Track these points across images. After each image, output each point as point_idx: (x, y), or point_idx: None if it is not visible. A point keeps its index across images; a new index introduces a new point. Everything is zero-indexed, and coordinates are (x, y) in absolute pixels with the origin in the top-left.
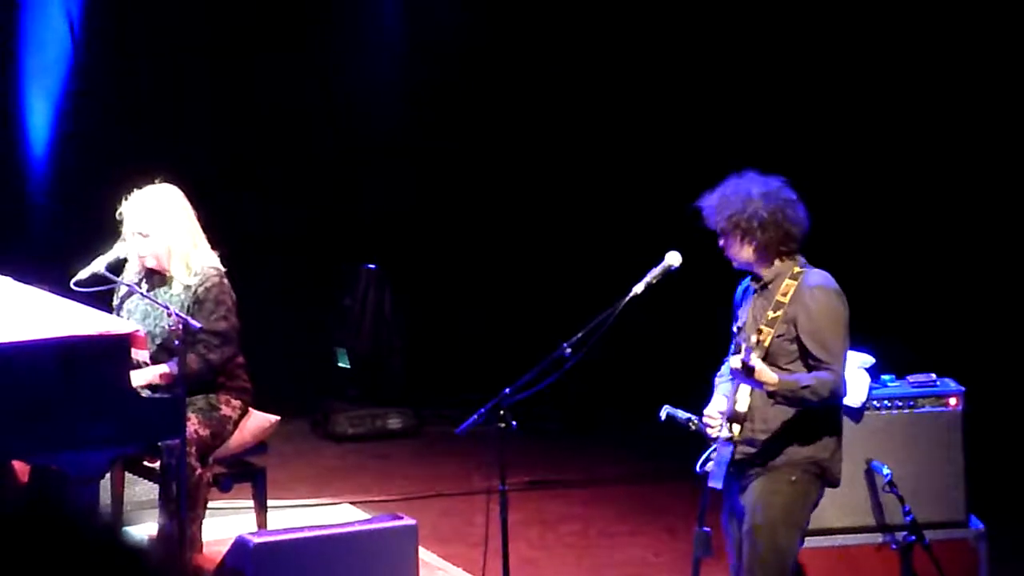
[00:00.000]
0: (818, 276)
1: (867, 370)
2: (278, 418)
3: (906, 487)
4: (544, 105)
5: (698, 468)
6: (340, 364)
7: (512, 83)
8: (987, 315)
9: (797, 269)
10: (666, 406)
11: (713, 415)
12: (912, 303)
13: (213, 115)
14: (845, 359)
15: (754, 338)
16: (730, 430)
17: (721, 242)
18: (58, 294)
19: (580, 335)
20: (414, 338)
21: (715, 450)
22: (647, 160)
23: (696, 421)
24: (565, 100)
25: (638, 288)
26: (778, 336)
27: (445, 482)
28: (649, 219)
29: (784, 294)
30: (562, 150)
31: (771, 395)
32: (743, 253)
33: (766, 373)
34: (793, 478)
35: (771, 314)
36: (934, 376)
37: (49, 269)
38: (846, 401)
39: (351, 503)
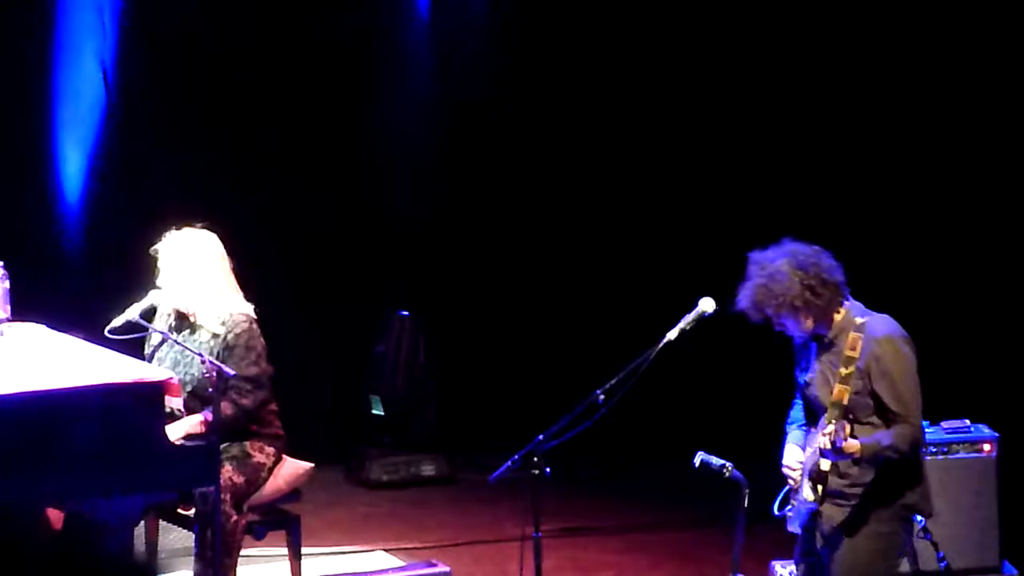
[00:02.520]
0: (882, 324)
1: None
2: (312, 465)
3: (940, 533)
4: (577, 152)
5: (775, 511)
6: (374, 411)
7: (544, 133)
8: (1022, 360)
9: (859, 320)
10: (700, 452)
11: (792, 465)
12: (945, 348)
13: (245, 165)
14: (920, 406)
15: (835, 429)
16: (813, 490)
17: (777, 327)
18: (92, 342)
19: (613, 381)
20: (448, 385)
21: (792, 492)
22: (683, 207)
23: (730, 468)
24: (599, 146)
25: (671, 335)
26: (855, 393)
27: (479, 529)
28: (683, 265)
29: (852, 348)
30: (596, 196)
31: (855, 462)
32: (805, 326)
33: (851, 445)
34: (883, 529)
35: (843, 371)
36: (968, 422)
37: (83, 317)
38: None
39: (385, 550)
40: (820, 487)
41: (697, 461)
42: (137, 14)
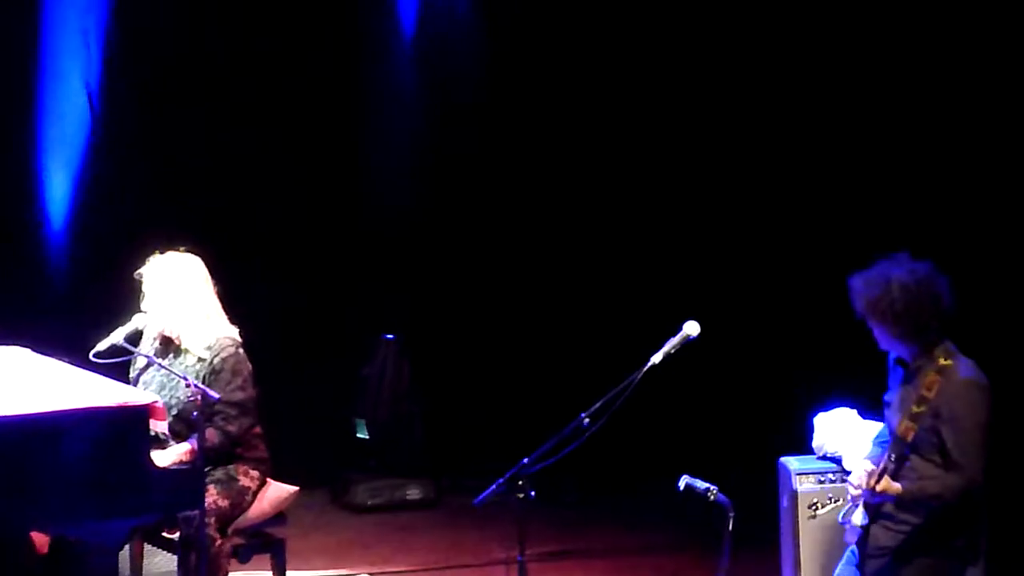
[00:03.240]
0: (965, 370)
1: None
2: (297, 489)
3: None
4: (563, 174)
5: (839, 517)
6: (359, 435)
7: (531, 157)
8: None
9: (943, 361)
10: (685, 476)
11: (856, 481)
12: None
13: (234, 189)
14: (982, 459)
15: (866, 475)
16: (863, 516)
17: (867, 322)
18: (77, 365)
19: (598, 405)
20: (433, 408)
21: (851, 507)
22: (669, 230)
23: (715, 491)
24: (585, 168)
25: (656, 358)
26: (923, 429)
27: (464, 552)
28: (669, 288)
29: (929, 388)
30: (583, 218)
31: (897, 503)
32: (889, 340)
33: (891, 487)
34: (924, 566)
35: (915, 408)
36: None
37: (68, 340)
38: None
39: (370, 574)
40: (868, 516)
41: (682, 484)
42: (122, 37)
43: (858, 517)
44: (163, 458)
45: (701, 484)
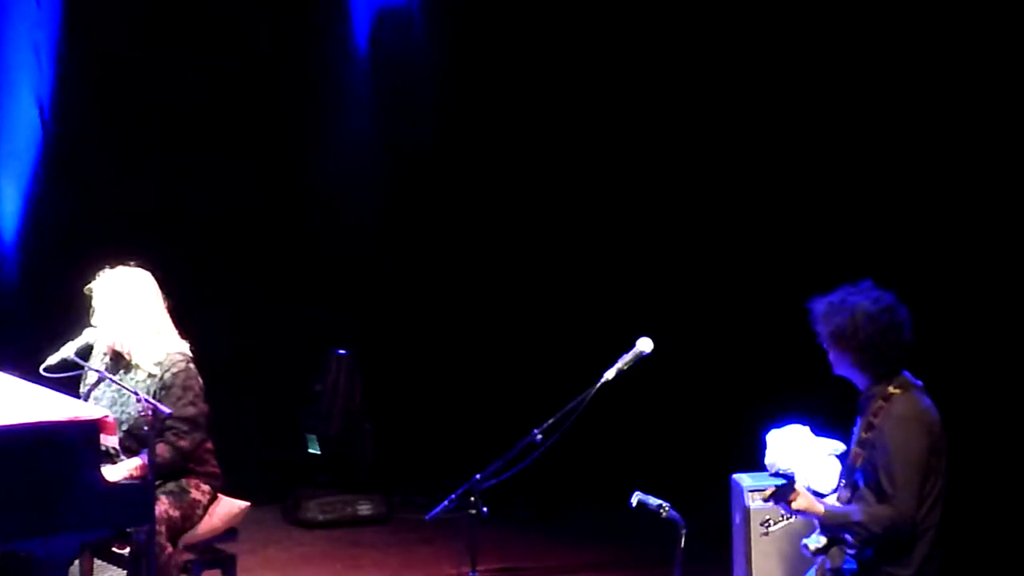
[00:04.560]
0: (907, 403)
1: (838, 457)
2: (248, 504)
3: None
4: (514, 190)
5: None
6: (310, 450)
7: (483, 173)
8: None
9: (891, 390)
10: (637, 492)
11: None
12: None
13: (184, 203)
14: (915, 494)
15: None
16: (819, 542)
17: (825, 347)
18: (27, 380)
19: (551, 421)
20: (385, 424)
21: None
22: (622, 247)
23: (667, 508)
24: (535, 185)
25: (609, 374)
26: (868, 457)
27: (416, 568)
28: (621, 305)
29: (875, 415)
30: (533, 236)
31: (821, 525)
32: (840, 366)
33: (813, 506)
34: None
35: (863, 435)
36: None
37: (18, 355)
38: (816, 487)
39: None
40: (825, 541)
41: (634, 501)
42: (73, 51)
43: (813, 542)
44: (114, 473)
45: (653, 501)
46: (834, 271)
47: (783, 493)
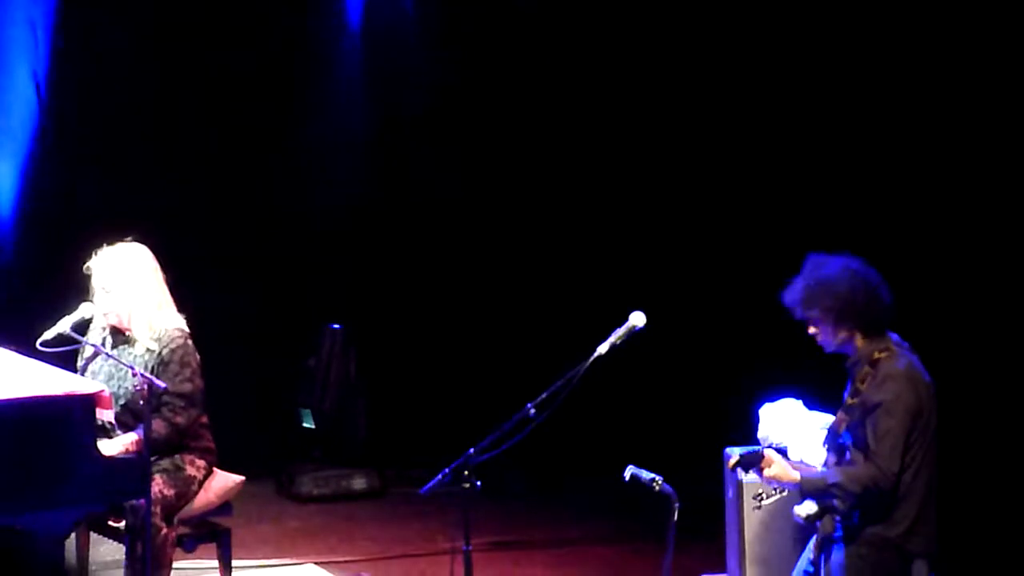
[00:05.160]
0: (891, 365)
1: None
2: (243, 478)
3: None
4: (507, 162)
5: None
6: (305, 425)
7: (475, 145)
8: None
9: (877, 355)
10: (630, 466)
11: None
12: None
13: (180, 180)
14: (897, 451)
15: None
16: (809, 508)
17: (811, 331)
18: (24, 354)
19: (545, 395)
20: (378, 399)
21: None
22: (614, 222)
23: (660, 481)
24: (529, 157)
25: (602, 348)
26: (854, 421)
27: (409, 543)
28: (614, 279)
29: (862, 380)
30: (526, 208)
31: (800, 492)
32: (838, 339)
33: (787, 473)
34: (862, 552)
35: (849, 400)
36: None
37: (15, 329)
38: (809, 461)
39: (316, 564)
40: (816, 508)
41: (627, 475)
42: (70, 28)
43: (803, 509)
44: (110, 447)
45: (646, 474)
46: (826, 243)
47: (750, 462)
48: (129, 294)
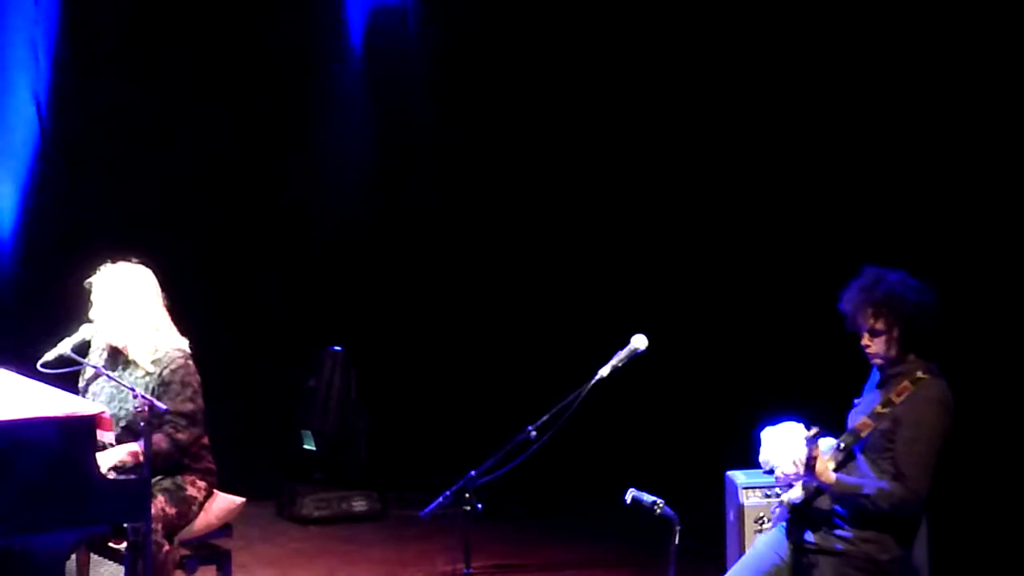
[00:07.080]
0: (938, 389)
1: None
2: (243, 500)
3: None
4: (508, 184)
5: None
6: (305, 446)
7: (476, 166)
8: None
9: (920, 375)
10: (632, 489)
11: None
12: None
13: (181, 200)
14: (927, 477)
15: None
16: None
17: (864, 340)
18: (24, 375)
19: (546, 418)
20: (379, 420)
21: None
22: (617, 244)
23: (661, 504)
24: (530, 178)
25: (604, 371)
26: (879, 429)
27: (410, 565)
28: (616, 301)
29: (899, 394)
30: (527, 231)
31: (829, 492)
32: (890, 351)
33: (827, 473)
34: (847, 572)
35: (879, 408)
36: None
37: (15, 350)
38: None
39: None
40: (801, 495)
41: (629, 498)
42: (70, 48)
43: (794, 492)
44: (105, 459)
45: (648, 498)
46: (830, 270)
47: (815, 439)
48: (128, 314)
